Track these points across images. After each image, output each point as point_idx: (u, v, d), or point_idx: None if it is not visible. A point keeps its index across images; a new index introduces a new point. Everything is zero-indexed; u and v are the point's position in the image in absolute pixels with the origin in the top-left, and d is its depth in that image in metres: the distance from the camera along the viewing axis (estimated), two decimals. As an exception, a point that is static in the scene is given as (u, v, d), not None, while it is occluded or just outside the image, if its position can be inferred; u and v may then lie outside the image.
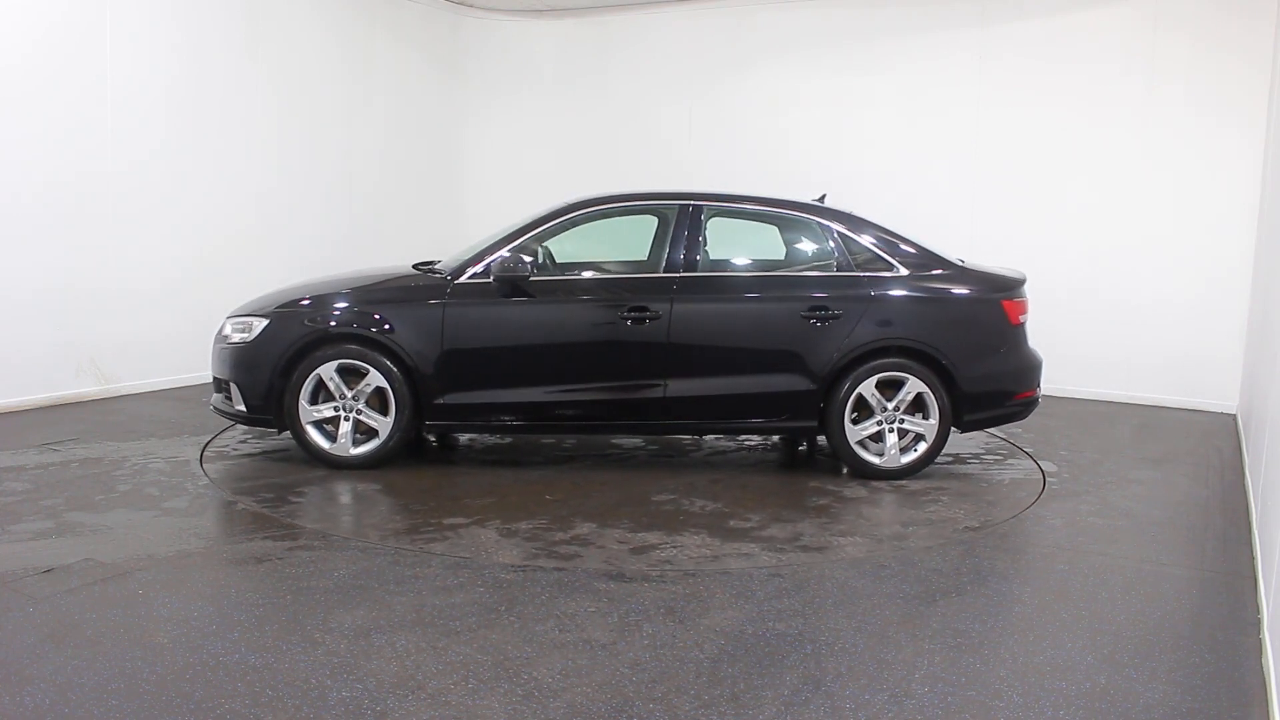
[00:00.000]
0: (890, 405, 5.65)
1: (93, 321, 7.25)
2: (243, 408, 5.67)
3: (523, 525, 4.80)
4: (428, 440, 6.52)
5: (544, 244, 5.99)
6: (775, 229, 6.13)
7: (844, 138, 9.23)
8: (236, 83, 8.15)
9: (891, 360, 5.64)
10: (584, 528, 4.78)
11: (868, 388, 5.64)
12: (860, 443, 5.70)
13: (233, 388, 5.70)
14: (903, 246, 5.82)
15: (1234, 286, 7.95)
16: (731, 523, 4.90)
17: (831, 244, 5.83)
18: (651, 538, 4.64)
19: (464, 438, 6.60)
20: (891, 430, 5.69)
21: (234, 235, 8.23)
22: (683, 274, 5.70)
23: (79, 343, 7.19)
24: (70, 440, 6.06)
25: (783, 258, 6.09)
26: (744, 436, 6.59)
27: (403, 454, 5.99)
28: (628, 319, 5.60)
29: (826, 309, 5.63)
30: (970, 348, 5.69)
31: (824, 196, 6.32)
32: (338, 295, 5.73)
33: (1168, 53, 8.07)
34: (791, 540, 4.64)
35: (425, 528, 4.73)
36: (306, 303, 5.71)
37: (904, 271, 5.74)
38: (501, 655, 3.36)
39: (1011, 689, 3.23)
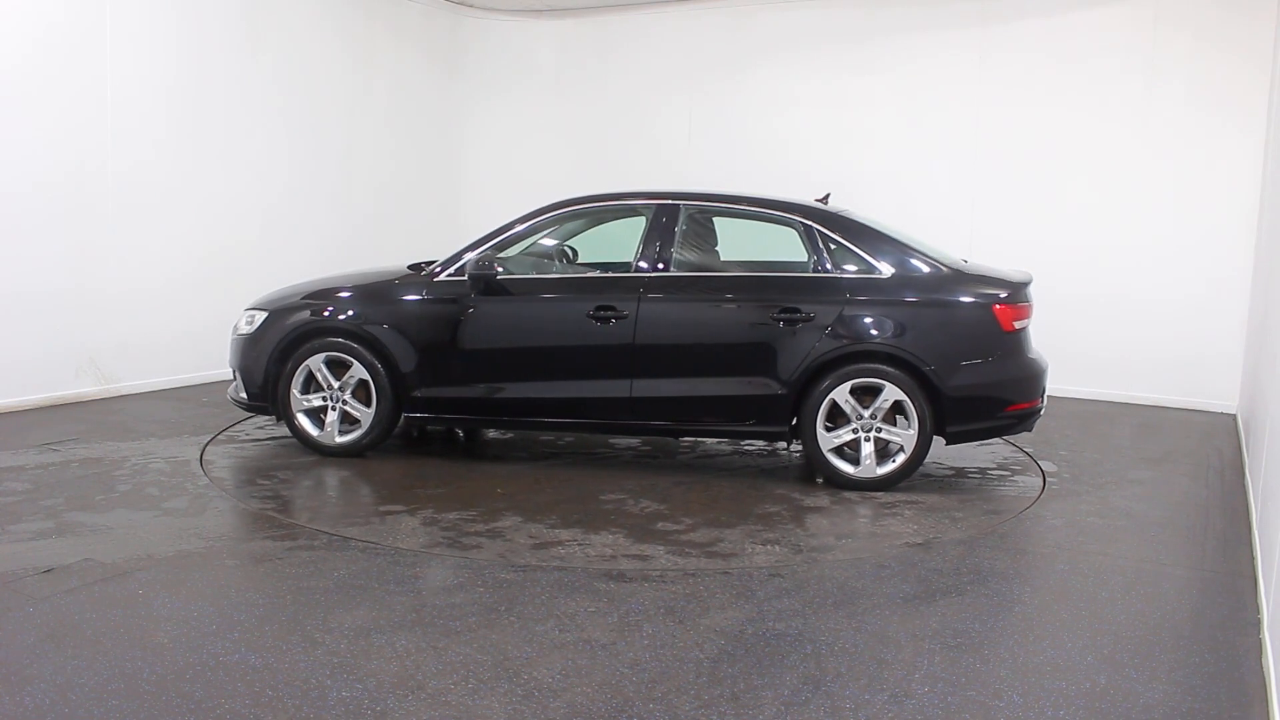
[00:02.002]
0: (867, 413, 5.41)
1: (93, 321, 7.25)
2: (244, 395, 6.00)
3: (451, 515, 4.90)
4: (456, 433, 6.72)
5: (567, 243, 6.19)
6: (755, 229, 6.01)
7: (844, 137, 9.22)
8: (236, 83, 8.15)
9: (865, 366, 5.41)
10: (508, 521, 4.84)
11: (841, 394, 5.41)
12: (836, 451, 5.48)
13: (238, 376, 6.05)
14: (889, 248, 5.58)
15: (1234, 286, 7.95)
16: (659, 525, 4.85)
17: (812, 244, 5.63)
18: (564, 535, 4.66)
19: (489, 431, 6.72)
20: (868, 439, 5.45)
21: (234, 235, 8.23)
22: (650, 274, 5.67)
23: (79, 343, 7.19)
24: (70, 440, 6.06)
25: (760, 258, 5.99)
26: (746, 440, 6.54)
27: (410, 443, 6.14)
28: (595, 318, 5.60)
29: (798, 311, 5.44)
30: (955, 354, 5.38)
31: (828, 196, 6.28)
32: (329, 292, 6.02)
33: (1168, 51, 8.07)
34: (704, 546, 4.55)
35: (359, 513, 4.94)
36: (301, 298, 6.02)
37: (886, 273, 5.50)
38: (501, 655, 3.36)
39: (1011, 689, 3.23)
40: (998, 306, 5.43)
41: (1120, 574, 4.34)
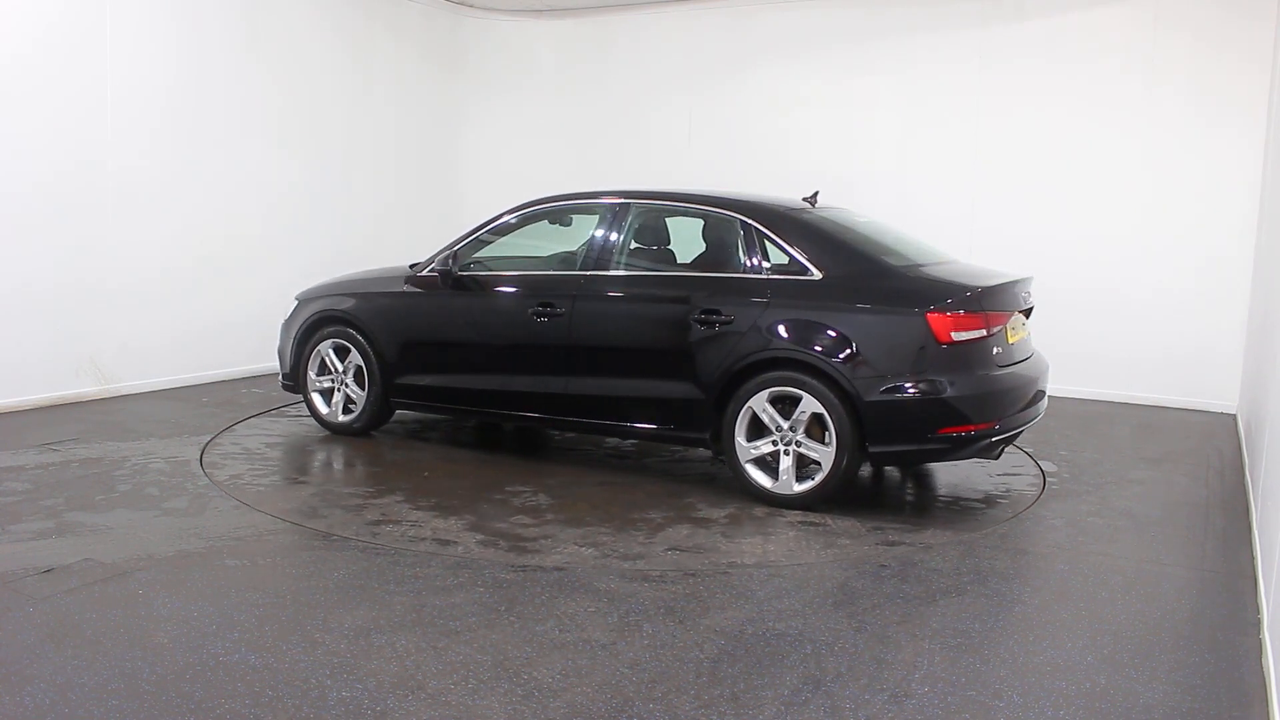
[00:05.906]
0: (786, 424, 5.05)
1: (93, 321, 7.24)
2: (281, 376, 6.75)
3: (347, 490, 5.32)
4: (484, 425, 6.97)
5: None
6: (698, 228, 5.88)
7: (845, 137, 9.21)
8: (236, 82, 8.14)
9: (782, 374, 5.04)
10: (385, 500, 5.10)
11: (759, 403, 5.08)
12: (760, 464, 5.14)
13: (279, 359, 6.75)
14: (832, 248, 5.26)
15: (1234, 286, 7.94)
16: (514, 518, 4.85)
17: (747, 243, 5.37)
18: (413, 515, 4.85)
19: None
20: (787, 452, 5.06)
21: (234, 235, 8.22)
22: (588, 272, 5.70)
23: (79, 343, 7.18)
24: (70, 440, 6.06)
25: (697, 258, 5.81)
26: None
27: (435, 431, 6.35)
28: (536, 316, 5.69)
29: (718, 312, 5.22)
30: (878, 366, 4.88)
31: (816, 194, 6.14)
32: (342, 284, 6.58)
33: (1168, 52, 8.06)
34: (517, 540, 4.51)
35: (271, 483, 5.40)
36: (318, 291, 6.63)
37: (817, 275, 5.13)
38: (501, 655, 3.36)
39: (1011, 689, 3.23)
40: (931, 315, 4.87)
41: (1120, 574, 4.34)
